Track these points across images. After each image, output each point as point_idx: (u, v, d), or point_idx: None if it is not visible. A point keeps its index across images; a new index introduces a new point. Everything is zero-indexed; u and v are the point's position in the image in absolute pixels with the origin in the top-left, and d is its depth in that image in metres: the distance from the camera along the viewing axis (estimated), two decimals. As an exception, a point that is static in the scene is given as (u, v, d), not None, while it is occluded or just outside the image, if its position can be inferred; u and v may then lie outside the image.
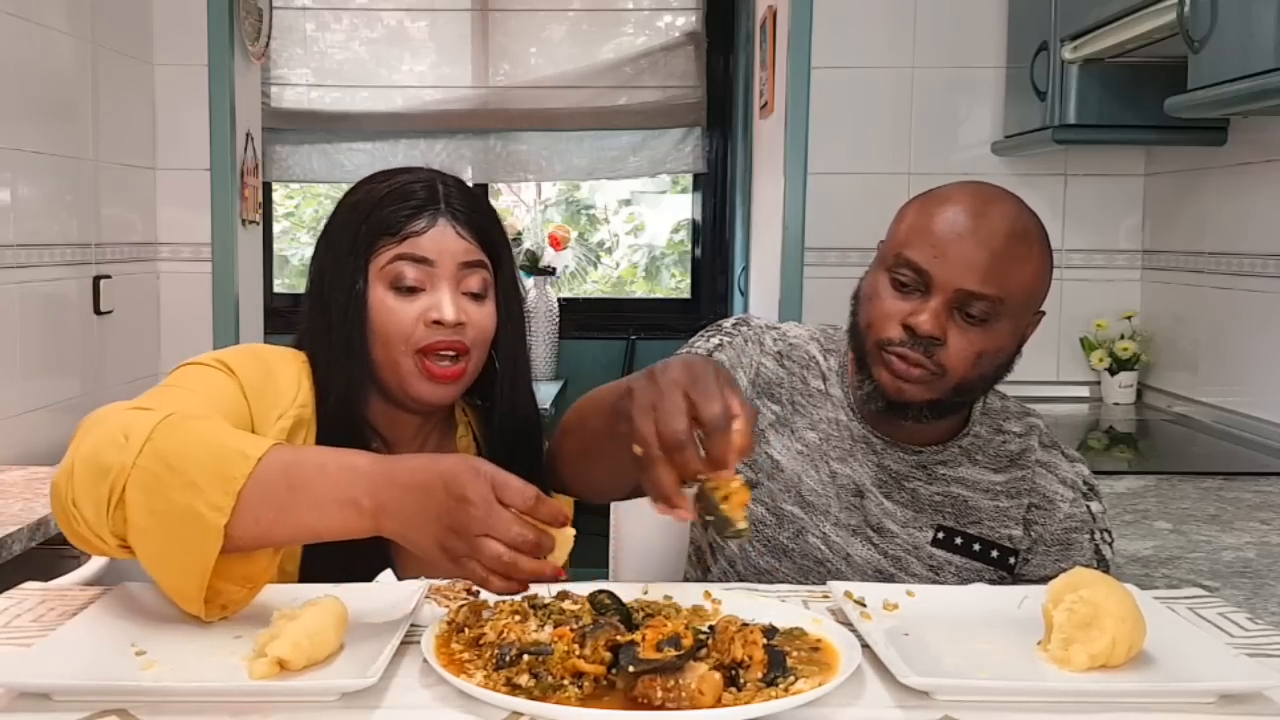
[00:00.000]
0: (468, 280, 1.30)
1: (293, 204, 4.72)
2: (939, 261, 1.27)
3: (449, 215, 1.30)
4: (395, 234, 1.28)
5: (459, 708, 0.89)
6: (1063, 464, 1.43)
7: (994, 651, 1.03)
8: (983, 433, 1.43)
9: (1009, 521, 1.39)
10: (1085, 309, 3.07)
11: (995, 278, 1.26)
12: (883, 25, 3.06)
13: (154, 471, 1.00)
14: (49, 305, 2.59)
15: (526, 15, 4.21)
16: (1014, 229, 1.28)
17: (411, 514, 0.99)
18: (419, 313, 1.27)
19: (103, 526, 1.02)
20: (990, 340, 1.28)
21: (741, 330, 1.47)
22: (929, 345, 1.27)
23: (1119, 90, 2.59)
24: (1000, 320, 1.28)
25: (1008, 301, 1.27)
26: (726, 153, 4.30)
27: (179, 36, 3.12)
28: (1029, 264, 1.29)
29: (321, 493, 1.01)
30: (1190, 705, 0.91)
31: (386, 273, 1.28)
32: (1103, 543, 1.40)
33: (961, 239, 1.27)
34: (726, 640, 0.93)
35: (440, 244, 1.28)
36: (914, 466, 1.40)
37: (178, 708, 0.88)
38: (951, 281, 1.26)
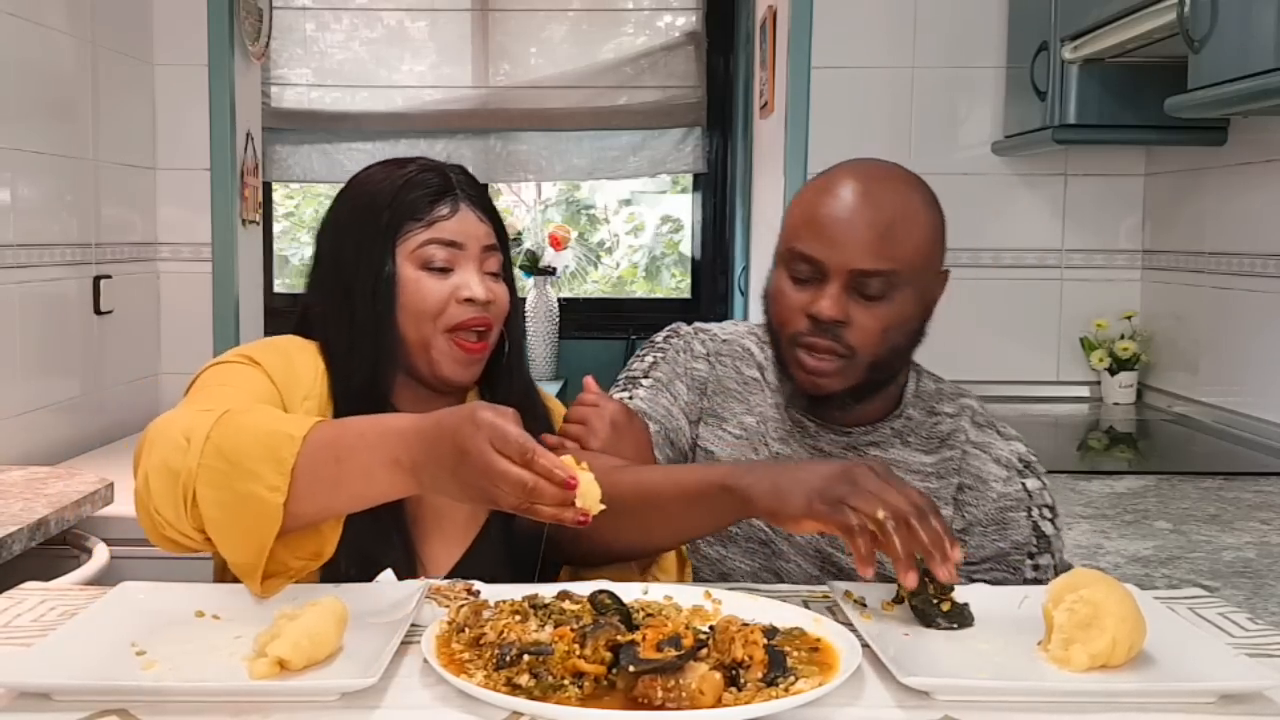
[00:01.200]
0: (489, 262, 1.38)
1: (293, 204, 4.72)
2: (828, 248, 1.29)
3: (466, 200, 1.37)
4: (421, 219, 1.34)
5: (459, 708, 0.89)
6: (997, 443, 1.44)
7: (994, 651, 1.03)
8: (915, 415, 1.44)
9: (939, 501, 1.39)
10: (1085, 309, 3.07)
11: (884, 252, 1.28)
12: (883, 25, 3.06)
13: (216, 468, 1.08)
14: (49, 305, 2.59)
15: (526, 15, 4.21)
16: (895, 200, 1.32)
17: (434, 469, 1.06)
18: (450, 290, 1.34)
19: (184, 525, 1.10)
20: (893, 313, 1.31)
21: (672, 342, 1.50)
22: (834, 330, 1.30)
23: (1119, 90, 2.59)
24: (899, 291, 1.30)
25: (902, 272, 1.29)
26: (726, 153, 4.30)
27: (179, 36, 3.12)
28: (917, 231, 1.32)
29: (366, 460, 1.08)
30: (1190, 705, 0.91)
31: (417, 255, 1.34)
32: (1041, 519, 1.40)
33: (846, 221, 1.30)
34: (727, 640, 0.93)
35: (465, 228, 1.35)
36: (845, 448, 1.41)
37: (178, 708, 0.88)
38: (843, 264, 1.29)
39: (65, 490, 2.01)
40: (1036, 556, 1.38)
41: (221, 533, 1.09)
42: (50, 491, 2.00)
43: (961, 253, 3.09)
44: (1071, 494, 1.94)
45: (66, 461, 2.54)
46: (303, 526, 1.11)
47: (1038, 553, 1.38)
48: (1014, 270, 3.10)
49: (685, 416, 1.44)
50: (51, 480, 2.09)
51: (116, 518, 2.12)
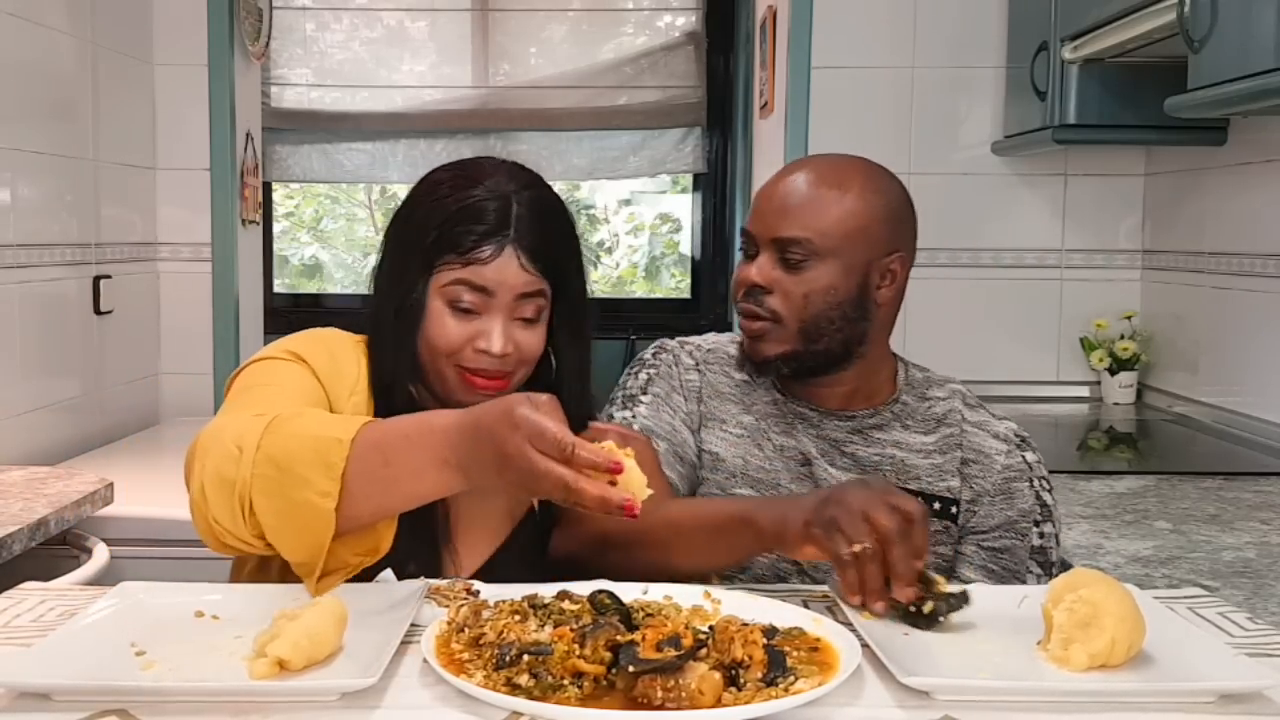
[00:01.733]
0: (522, 308, 1.32)
1: (293, 204, 4.72)
2: (757, 219, 1.42)
3: (515, 244, 1.30)
4: (461, 255, 1.29)
5: (459, 708, 0.89)
6: (992, 421, 1.50)
7: (994, 651, 1.03)
8: (909, 400, 1.49)
9: (945, 474, 1.45)
10: (1085, 309, 3.07)
11: (800, 220, 1.37)
12: (883, 25, 3.06)
13: (269, 476, 1.09)
14: (49, 305, 2.59)
15: (526, 15, 4.21)
16: (824, 175, 1.40)
17: (479, 467, 1.07)
18: (470, 336, 1.30)
19: (243, 532, 1.11)
20: (814, 280, 1.38)
21: (661, 357, 1.54)
22: (757, 295, 1.40)
23: (1119, 90, 2.59)
24: (819, 260, 1.37)
25: (819, 241, 1.37)
26: (726, 153, 4.30)
27: (179, 36, 3.12)
28: (840, 204, 1.38)
29: (416, 461, 1.09)
30: (1190, 705, 0.91)
31: (446, 292, 1.30)
32: (1043, 489, 1.46)
33: (771, 196, 1.41)
34: (726, 640, 0.93)
35: (502, 275, 1.29)
36: (850, 432, 1.46)
37: (178, 708, 0.89)
38: (766, 233, 1.40)
39: (65, 490, 2.01)
40: (1041, 524, 1.44)
41: (280, 538, 1.11)
42: (50, 491, 2.00)
43: (961, 253, 3.10)
44: (1071, 494, 1.94)
45: (66, 461, 2.54)
46: (359, 527, 1.12)
47: (1042, 521, 1.45)
48: (1014, 270, 3.10)
49: (687, 427, 1.48)
50: (51, 480, 2.09)
51: (116, 518, 2.12)
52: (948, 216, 3.07)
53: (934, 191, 3.06)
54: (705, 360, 1.53)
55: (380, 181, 4.42)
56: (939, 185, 3.07)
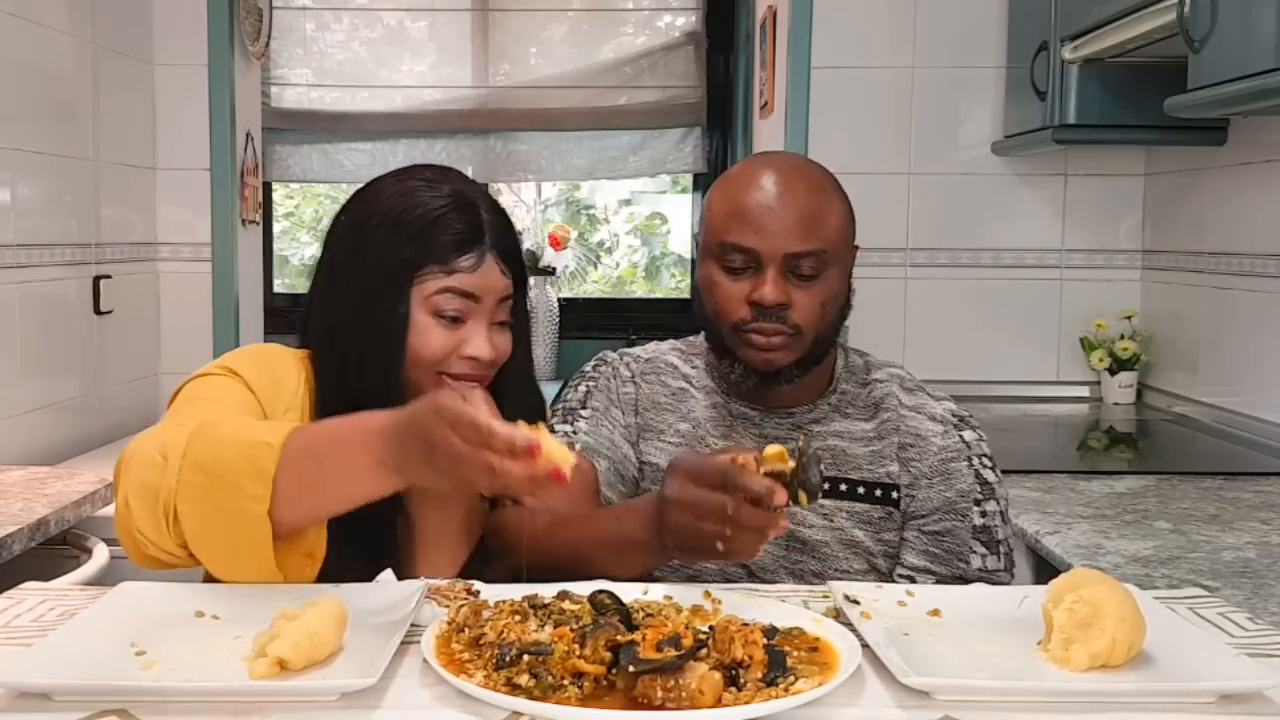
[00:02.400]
0: (500, 311, 1.35)
1: (293, 204, 4.72)
2: (760, 236, 1.37)
3: (494, 251, 1.33)
4: (445, 265, 1.30)
5: (459, 708, 0.89)
6: (929, 403, 1.49)
7: (994, 651, 1.03)
8: (848, 388, 1.50)
9: (884, 460, 1.45)
10: (1085, 309, 3.07)
11: (813, 233, 1.37)
12: (883, 25, 3.06)
13: (196, 483, 1.09)
14: (49, 305, 2.59)
15: (526, 15, 4.21)
16: (812, 185, 1.40)
17: (413, 464, 1.07)
18: (456, 344, 1.31)
19: (167, 543, 1.12)
20: (827, 289, 1.39)
21: (601, 370, 1.55)
22: (779, 312, 1.37)
23: (1119, 90, 2.59)
24: (828, 268, 1.39)
25: (829, 250, 1.38)
26: (726, 153, 4.30)
27: (179, 36, 3.12)
28: (835, 210, 1.40)
29: (350, 462, 1.09)
30: (1190, 705, 0.91)
31: (432, 302, 1.31)
32: (983, 467, 1.45)
33: (773, 210, 1.37)
34: (726, 640, 0.93)
35: (486, 281, 1.32)
36: (791, 428, 1.46)
37: (178, 708, 0.89)
38: (777, 249, 1.36)
39: (65, 490, 2.01)
40: (983, 503, 1.43)
41: (208, 550, 1.11)
42: (50, 491, 2.00)
43: (961, 253, 3.10)
44: (1071, 494, 1.94)
45: (66, 461, 2.54)
46: (292, 533, 1.12)
47: (983, 499, 1.43)
48: (1014, 270, 3.10)
49: (627, 441, 1.49)
50: (51, 480, 2.10)
51: (116, 518, 2.12)
52: (948, 216, 3.07)
53: (934, 191, 3.06)
54: (642, 372, 1.54)
55: (380, 181, 4.40)
56: (939, 185, 3.07)
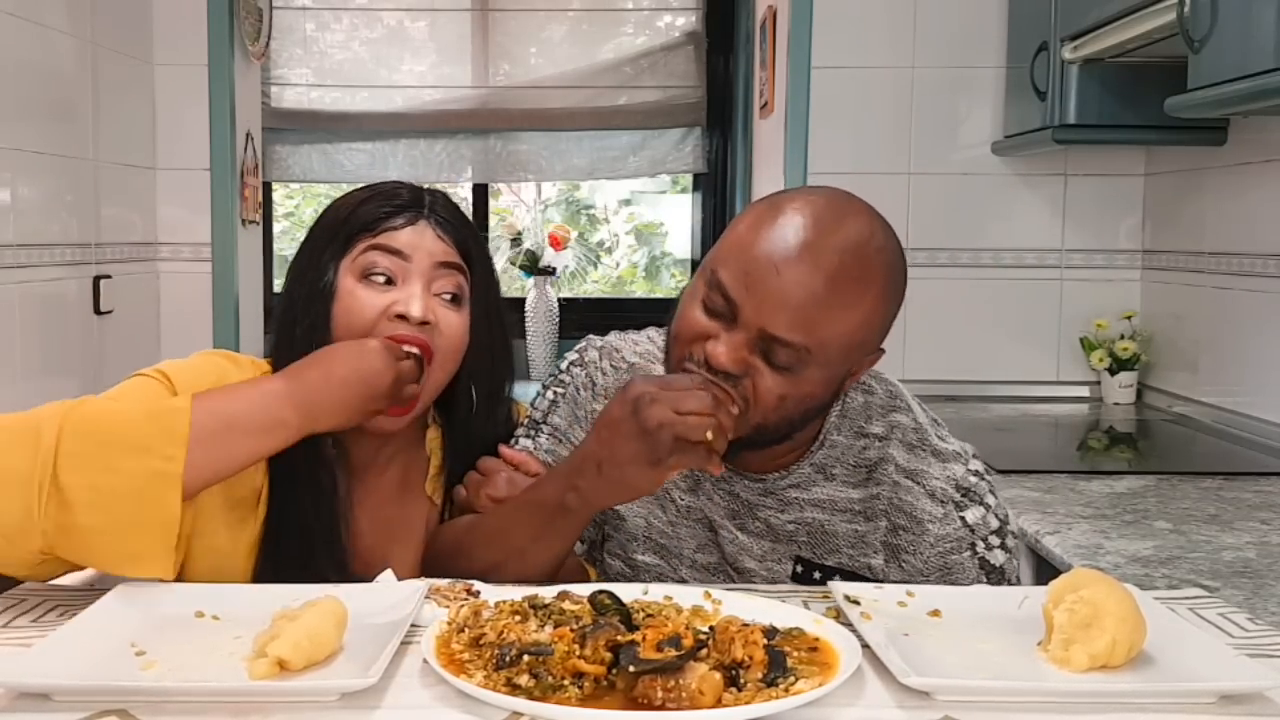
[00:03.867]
0: (442, 281, 1.28)
1: (293, 204, 4.72)
2: (747, 294, 1.11)
3: (431, 219, 1.29)
4: (373, 230, 1.27)
5: (459, 708, 0.89)
6: (932, 469, 1.27)
7: (994, 652, 1.03)
8: (840, 440, 1.28)
9: (867, 549, 1.26)
10: (1085, 309, 3.07)
11: (805, 326, 1.10)
12: (883, 25, 3.06)
13: (85, 452, 1.05)
14: (49, 305, 2.59)
15: (526, 15, 4.21)
16: (845, 265, 1.11)
17: (341, 406, 1.17)
18: (385, 305, 1.25)
19: (30, 530, 1.04)
20: (794, 387, 1.14)
21: (574, 374, 1.38)
22: (728, 379, 1.13)
23: (1119, 90, 2.59)
24: (808, 369, 1.13)
25: (817, 352, 1.12)
26: (726, 153, 4.30)
27: (179, 36, 3.12)
28: (857, 309, 1.13)
29: (255, 421, 1.13)
30: (1191, 706, 0.91)
31: (358, 264, 1.26)
32: (989, 550, 1.25)
33: (777, 273, 1.10)
34: (727, 640, 0.92)
35: (418, 240, 1.27)
36: (762, 494, 1.28)
37: (178, 708, 0.88)
38: (755, 320, 1.11)
39: (65, 490, 2.01)
40: None
41: (97, 518, 1.04)
42: None
43: (961, 253, 3.10)
44: (1071, 494, 1.94)
45: (66, 461, 2.53)
46: (188, 498, 1.10)
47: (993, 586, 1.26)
48: (1014, 270, 3.10)
49: None
50: (51, 480, 2.09)
51: (116, 518, 2.12)
52: (948, 216, 3.07)
53: (934, 191, 3.06)
54: (618, 386, 1.28)
55: (380, 181, 4.41)
56: (939, 185, 3.07)
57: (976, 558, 1.26)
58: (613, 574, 1.35)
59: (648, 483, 1.12)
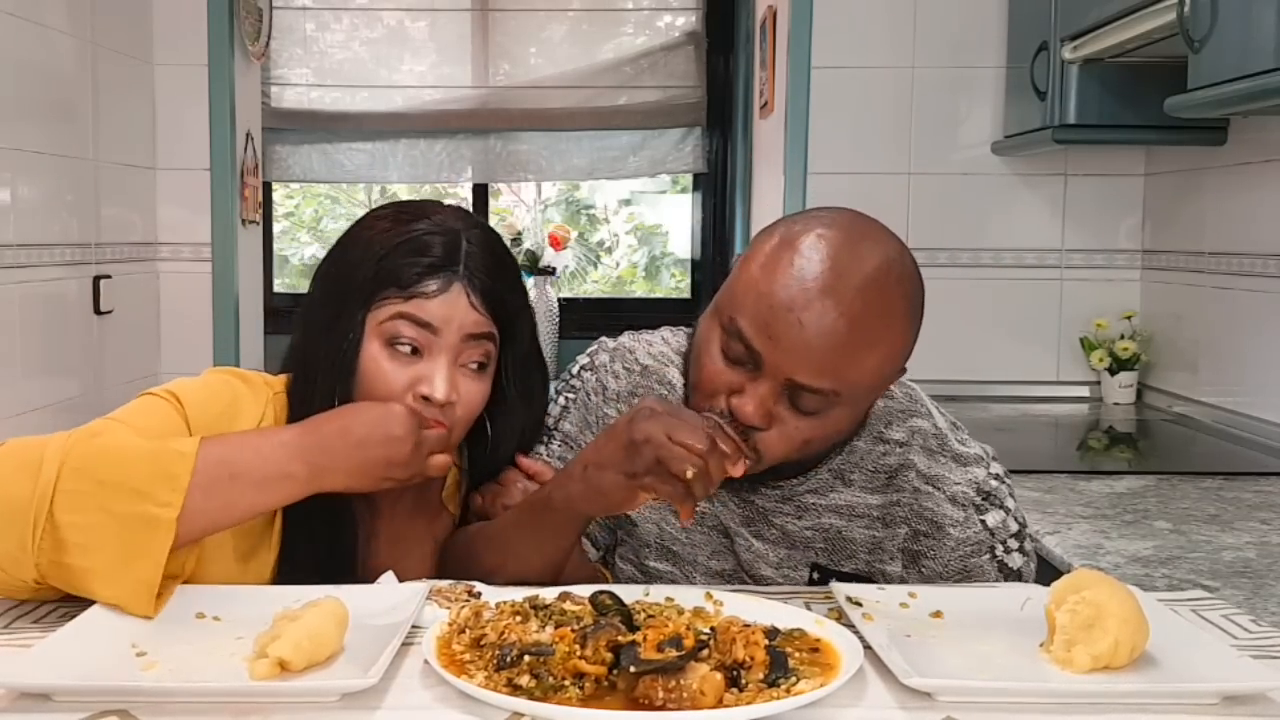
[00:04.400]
0: (469, 353, 1.21)
1: (293, 204, 4.72)
2: (770, 344, 1.09)
3: (466, 280, 1.20)
4: (404, 289, 1.19)
5: (460, 708, 0.89)
6: (952, 474, 1.26)
7: (996, 652, 1.03)
8: (860, 445, 1.27)
9: (884, 555, 1.26)
10: (1085, 309, 3.07)
11: (834, 372, 1.09)
12: (883, 25, 3.06)
13: (82, 491, 1.03)
14: (49, 305, 2.59)
15: (526, 15, 4.21)
16: (868, 305, 1.08)
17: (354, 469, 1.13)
18: (409, 381, 1.19)
19: (24, 562, 1.03)
20: (820, 429, 1.13)
21: (585, 378, 1.36)
22: (748, 431, 1.11)
23: (1119, 90, 2.59)
24: (835, 409, 1.12)
25: (846, 394, 1.11)
26: (726, 153, 4.30)
27: (179, 36, 3.12)
28: (881, 348, 1.11)
29: (261, 473, 1.10)
30: (1193, 707, 0.91)
31: (384, 329, 1.19)
32: (1008, 554, 1.25)
33: (800, 322, 1.07)
34: (728, 641, 0.92)
35: (450, 312, 1.19)
36: (779, 500, 1.27)
37: (178, 708, 0.88)
38: (781, 370, 1.09)
39: (65, 490, 2.00)
40: None
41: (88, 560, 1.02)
42: None
43: (961, 252, 3.10)
44: (1071, 494, 1.94)
45: (66, 462, 2.53)
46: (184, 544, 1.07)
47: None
48: (1014, 270, 3.10)
49: None
50: (51, 480, 2.09)
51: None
52: (948, 216, 3.07)
53: (934, 191, 3.06)
54: (633, 391, 1.31)
55: (380, 181, 4.41)
56: (939, 185, 3.07)
57: (995, 561, 1.26)
58: (624, 579, 1.34)
59: (620, 493, 1.09)
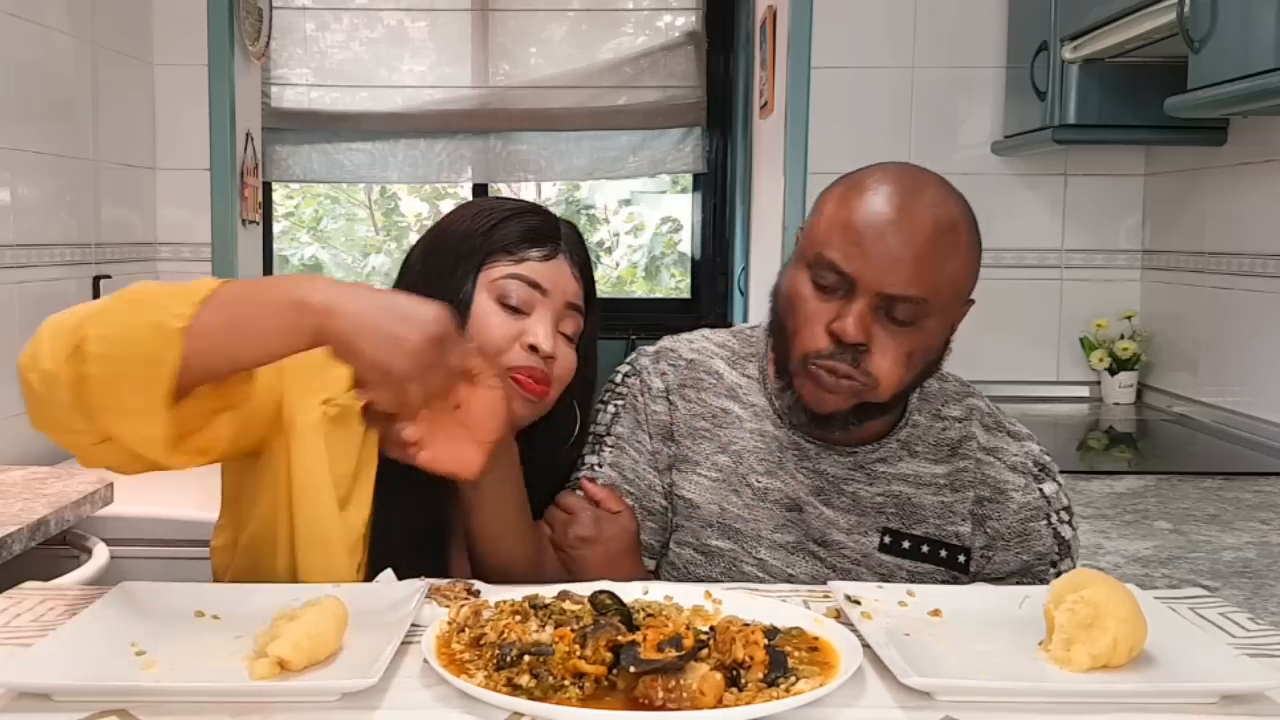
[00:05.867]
0: (566, 321, 1.30)
1: (293, 204, 4.72)
2: (861, 263, 1.19)
3: (568, 255, 1.31)
4: (513, 254, 1.28)
5: (459, 708, 0.89)
6: (1010, 446, 1.36)
7: (995, 652, 1.03)
8: (921, 420, 1.36)
9: (954, 518, 1.32)
10: (1085, 309, 3.07)
11: (921, 278, 1.18)
12: (883, 25, 3.06)
13: (111, 308, 1.05)
14: (49, 305, 2.58)
15: (526, 15, 4.21)
16: (939, 221, 1.20)
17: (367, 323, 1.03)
18: (517, 333, 1.26)
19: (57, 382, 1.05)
20: (919, 341, 1.22)
21: (630, 383, 1.41)
22: (855, 353, 1.20)
23: (1119, 90, 2.59)
24: (928, 319, 1.21)
25: (934, 300, 1.20)
26: (726, 153, 4.30)
27: (179, 36, 3.12)
28: (956, 258, 1.21)
29: (278, 297, 1.05)
30: (1192, 706, 0.91)
31: (496, 286, 1.27)
32: (1060, 524, 1.34)
33: (883, 237, 1.19)
34: (727, 640, 0.92)
35: (556, 276, 1.29)
36: (851, 468, 1.33)
37: (178, 708, 0.88)
38: (874, 284, 1.19)
39: (65, 490, 2.01)
40: (1059, 564, 1.33)
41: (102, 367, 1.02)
42: (50, 491, 2.00)
43: (961, 253, 3.10)
44: (1071, 494, 1.93)
45: (66, 461, 2.53)
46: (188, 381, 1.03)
47: (1059, 559, 1.33)
48: (1014, 270, 3.10)
49: (654, 469, 1.35)
50: (51, 480, 2.09)
51: (116, 518, 2.12)
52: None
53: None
54: (681, 384, 1.37)
55: (380, 181, 4.42)
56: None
57: (1051, 528, 1.34)
58: (683, 562, 1.35)
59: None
